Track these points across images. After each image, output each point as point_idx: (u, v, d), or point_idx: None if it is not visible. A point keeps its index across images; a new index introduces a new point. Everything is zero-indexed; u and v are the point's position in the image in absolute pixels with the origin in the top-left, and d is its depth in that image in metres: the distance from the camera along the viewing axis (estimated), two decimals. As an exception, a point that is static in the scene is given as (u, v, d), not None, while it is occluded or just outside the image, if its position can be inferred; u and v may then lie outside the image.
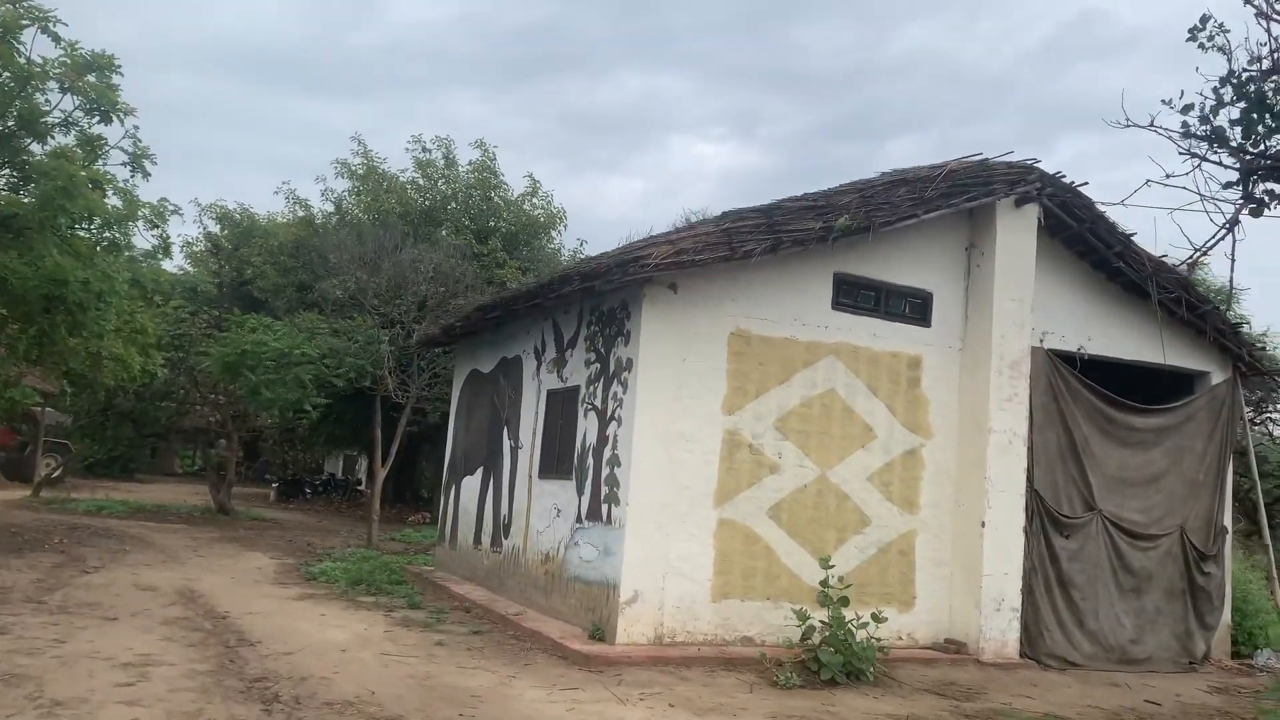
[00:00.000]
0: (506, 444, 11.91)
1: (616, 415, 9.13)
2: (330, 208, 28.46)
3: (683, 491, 8.89)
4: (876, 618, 8.50)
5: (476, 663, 7.92)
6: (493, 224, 27.46)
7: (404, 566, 13.65)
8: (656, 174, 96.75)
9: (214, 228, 30.35)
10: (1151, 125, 6.41)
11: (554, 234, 29.38)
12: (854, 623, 8.26)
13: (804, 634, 8.34)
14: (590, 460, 9.51)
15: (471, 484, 13.04)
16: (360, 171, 28.16)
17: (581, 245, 29.91)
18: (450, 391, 18.68)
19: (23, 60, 13.14)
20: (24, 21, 13.05)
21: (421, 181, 28.04)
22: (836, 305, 9.66)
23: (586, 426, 9.71)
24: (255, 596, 10.72)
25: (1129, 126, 6.51)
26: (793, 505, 9.31)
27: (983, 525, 9.66)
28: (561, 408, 10.46)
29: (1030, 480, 9.99)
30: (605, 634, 8.63)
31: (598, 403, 9.55)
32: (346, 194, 28.33)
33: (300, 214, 28.66)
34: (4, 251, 12.38)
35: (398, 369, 18.70)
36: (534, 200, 29.00)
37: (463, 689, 7.00)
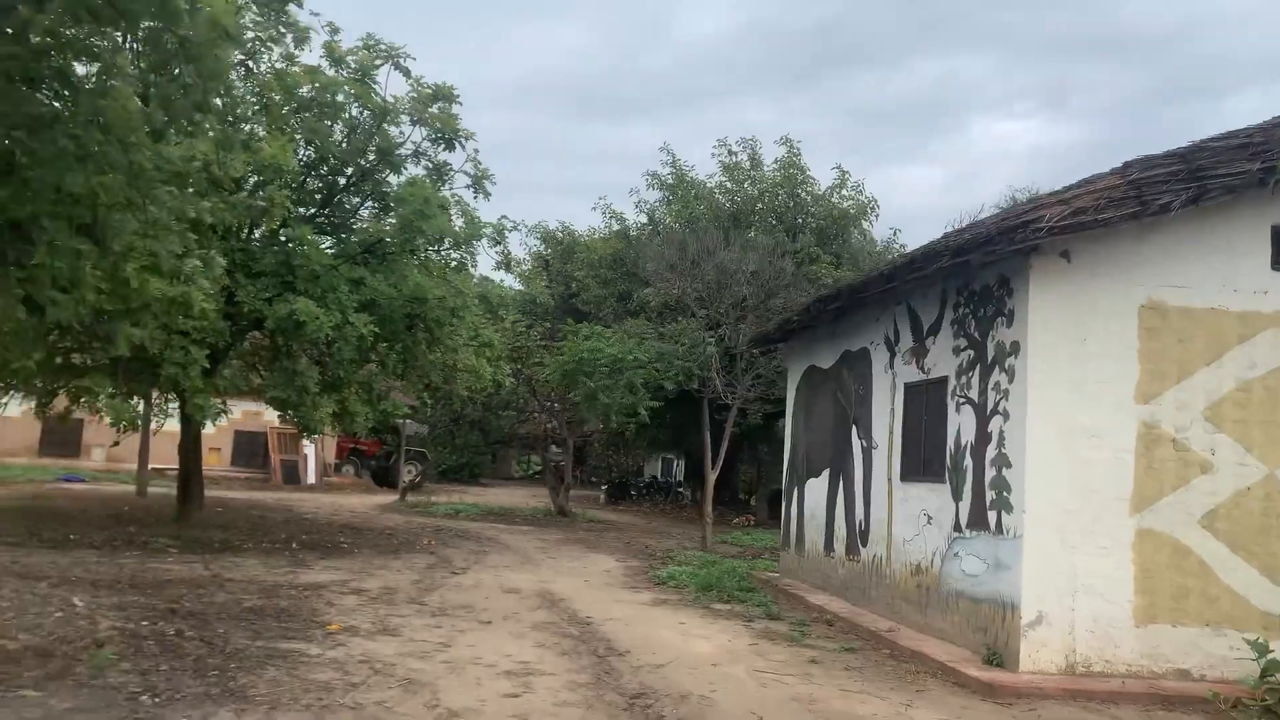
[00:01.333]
0: (856, 444, 11.03)
1: (1000, 408, 7.97)
2: (644, 219, 29.12)
3: (1089, 496, 7.55)
4: (1369, 654, 6.71)
5: (860, 686, 7.12)
6: (800, 220, 26.75)
7: (749, 572, 13.17)
8: (957, 160, 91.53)
9: (539, 247, 32.19)
10: None
11: (865, 225, 28.15)
12: (1335, 659, 6.56)
13: (1264, 670, 6.71)
14: (968, 460, 8.40)
15: (817, 487, 12.28)
16: (669, 181, 28.57)
17: (895, 234, 28.46)
18: (773, 391, 18.16)
19: (378, 99, 14.28)
20: (378, 61, 14.16)
21: (729, 185, 27.91)
22: (1277, 265, 7.85)
23: (960, 422, 8.61)
24: (611, 601, 10.65)
25: None
26: (1232, 512, 7.63)
27: None
28: (924, 402, 9.41)
29: None
30: (1003, 659, 7.49)
31: (973, 395, 8.43)
32: (658, 204, 28.87)
33: (615, 228, 29.57)
34: (373, 275, 13.41)
35: (722, 370, 18.43)
36: (842, 193, 27.96)
37: (855, 717, 6.24)
